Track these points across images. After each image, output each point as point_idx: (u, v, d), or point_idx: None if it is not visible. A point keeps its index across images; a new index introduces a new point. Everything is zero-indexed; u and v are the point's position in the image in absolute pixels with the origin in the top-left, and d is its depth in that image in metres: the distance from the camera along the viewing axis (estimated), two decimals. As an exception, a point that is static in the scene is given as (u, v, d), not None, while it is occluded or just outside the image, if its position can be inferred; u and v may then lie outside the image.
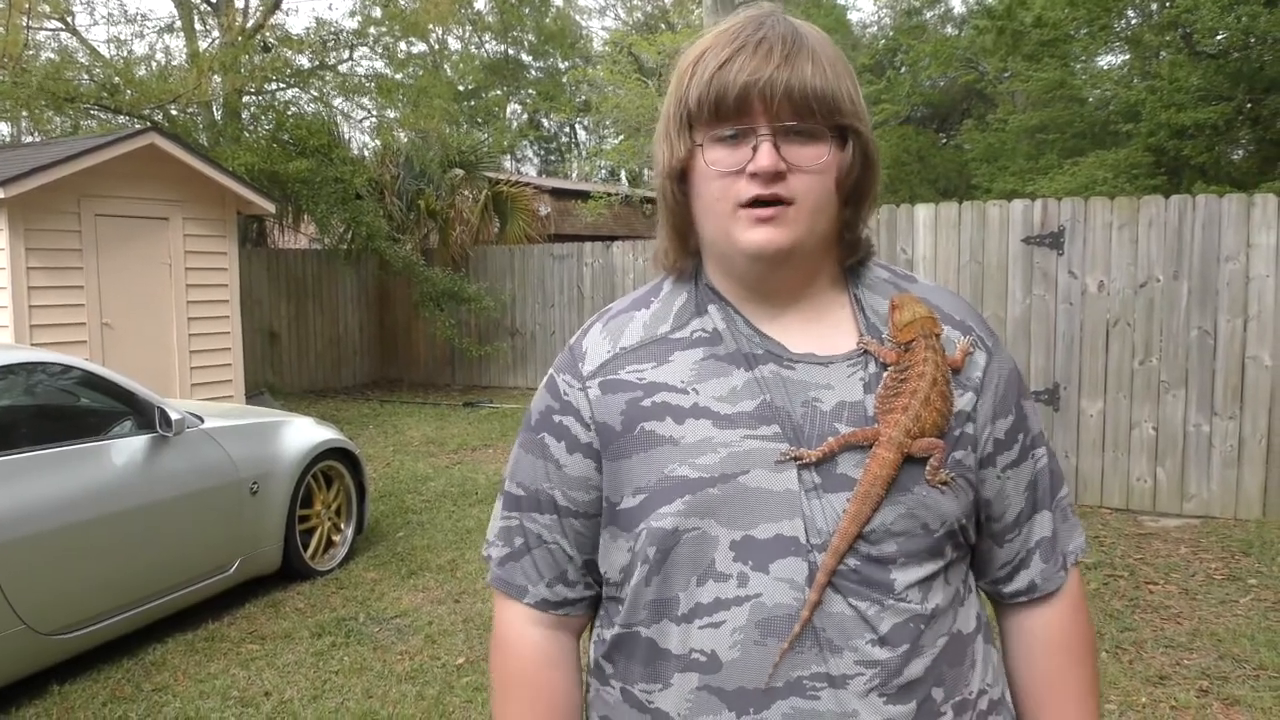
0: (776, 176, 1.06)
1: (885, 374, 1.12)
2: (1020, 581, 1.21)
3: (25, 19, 13.77)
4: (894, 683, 1.05)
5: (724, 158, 1.09)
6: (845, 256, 1.19)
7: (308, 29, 16.89)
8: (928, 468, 1.09)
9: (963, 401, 1.14)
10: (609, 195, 18.65)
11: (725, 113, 1.07)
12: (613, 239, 13.63)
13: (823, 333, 1.16)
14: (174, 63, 15.69)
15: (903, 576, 1.07)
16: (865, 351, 1.14)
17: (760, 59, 1.06)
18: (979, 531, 1.19)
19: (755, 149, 1.06)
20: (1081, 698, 1.21)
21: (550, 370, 1.25)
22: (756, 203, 1.07)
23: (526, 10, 32.18)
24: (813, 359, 1.13)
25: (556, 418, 1.21)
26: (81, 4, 21.12)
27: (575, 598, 1.24)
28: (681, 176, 1.14)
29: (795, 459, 1.08)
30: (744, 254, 1.11)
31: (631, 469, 1.14)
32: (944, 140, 27.97)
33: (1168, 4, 16.06)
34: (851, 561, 1.06)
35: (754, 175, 1.07)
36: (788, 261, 1.12)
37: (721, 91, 1.07)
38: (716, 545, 1.08)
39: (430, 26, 20.31)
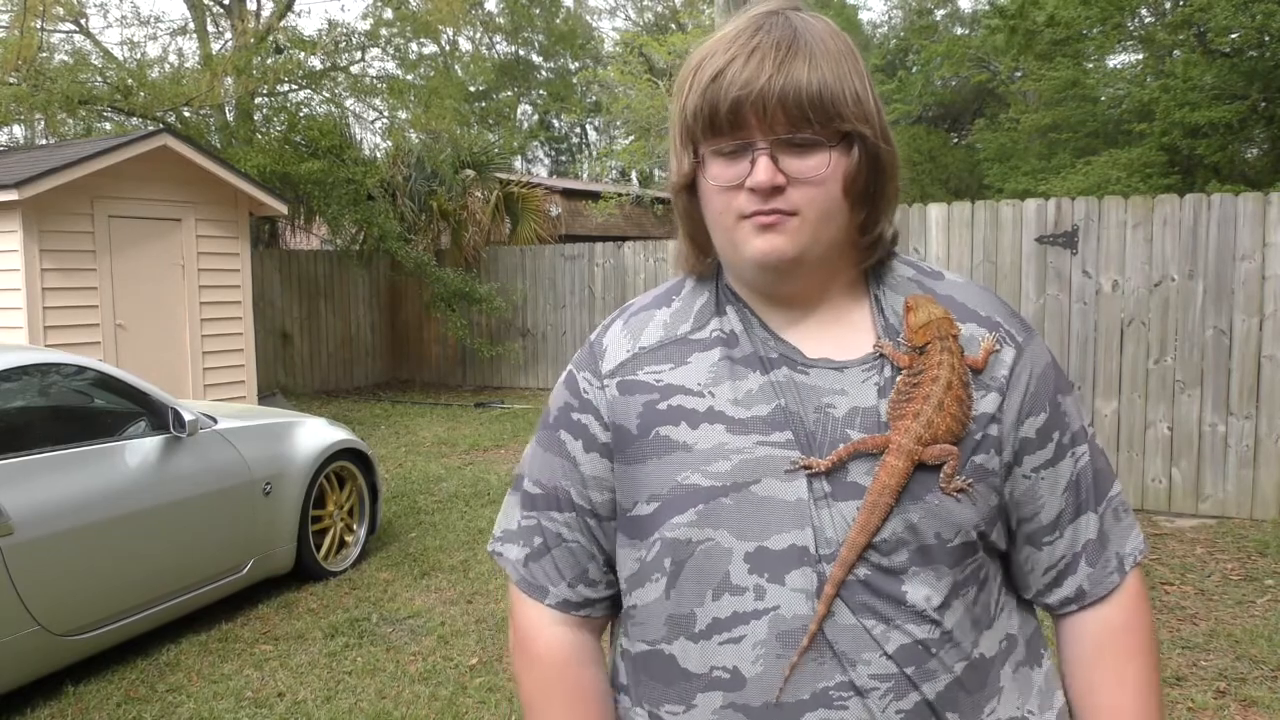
0: (775, 191, 1.04)
1: (898, 378, 1.09)
2: (1067, 589, 1.15)
3: (39, 21, 13.83)
4: (909, 697, 1.03)
5: (723, 172, 1.07)
6: (863, 259, 1.15)
7: (320, 31, 16.92)
8: (941, 475, 1.06)
9: (985, 403, 1.10)
10: (620, 196, 18.69)
11: (720, 127, 1.05)
12: (624, 239, 13.63)
13: (840, 335, 1.13)
14: (187, 65, 15.75)
15: (915, 589, 1.04)
16: (881, 355, 1.11)
17: (753, 69, 1.02)
18: (1013, 538, 1.15)
19: (753, 163, 1.04)
20: (1138, 696, 1.14)
21: (570, 366, 1.23)
22: (757, 213, 1.06)
23: (537, 11, 32.21)
24: (828, 363, 1.10)
25: (575, 415, 1.19)
26: (95, 6, 21.24)
27: (597, 597, 1.22)
28: (690, 187, 1.13)
29: (805, 468, 1.05)
30: (750, 264, 1.09)
31: (646, 475, 1.12)
32: (956, 140, 27.90)
33: (1181, 3, 15.97)
34: (861, 572, 1.03)
35: (753, 190, 1.04)
36: (795, 271, 1.09)
37: (714, 106, 1.04)
38: (730, 557, 1.06)
39: (441, 28, 20.33)
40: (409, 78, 19.03)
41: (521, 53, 34.24)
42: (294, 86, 15.80)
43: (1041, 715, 1.13)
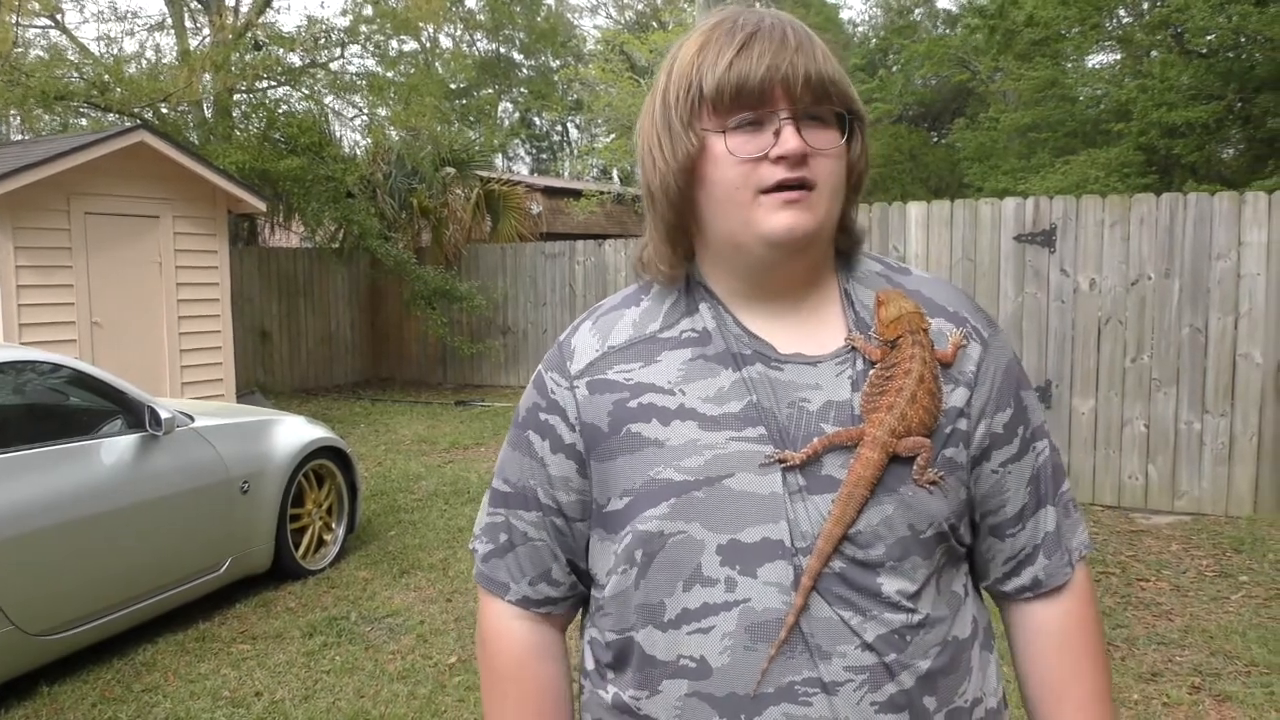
0: (802, 159, 1.06)
1: (871, 372, 1.10)
2: (1024, 578, 1.17)
3: (15, 16, 13.71)
4: (885, 688, 1.03)
5: (744, 144, 1.06)
6: (845, 243, 1.19)
7: (299, 27, 16.85)
8: (914, 467, 1.07)
9: (955, 397, 1.11)
10: (601, 194, 18.65)
11: (748, 99, 1.06)
12: (605, 237, 13.63)
13: (813, 330, 1.14)
14: (165, 61, 15.64)
15: (890, 581, 1.05)
16: (853, 348, 1.12)
17: (778, 46, 1.06)
18: (976, 529, 1.17)
19: (778, 134, 1.05)
20: (1098, 690, 1.18)
21: (539, 367, 1.23)
22: (781, 187, 1.06)
23: (518, 8, 32.14)
24: (800, 359, 1.11)
25: (542, 416, 1.19)
26: (71, 1, 21.07)
27: (558, 597, 1.23)
28: (688, 173, 1.11)
29: (779, 461, 1.06)
30: (766, 241, 1.08)
31: (618, 471, 1.12)
32: (936, 139, 28.03)
33: (1159, 3, 16.10)
34: (837, 565, 1.04)
35: (780, 159, 1.05)
36: (808, 249, 1.11)
37: (744, 78, 1.05)
38: (703, 549, 1.06)
39: (421, 25, 20.25)
40: (389, 75, 18.96)
41: (502, 50, 34.15)
42: (273, 83, 15.72)
43: (989, 699, 1.15)
